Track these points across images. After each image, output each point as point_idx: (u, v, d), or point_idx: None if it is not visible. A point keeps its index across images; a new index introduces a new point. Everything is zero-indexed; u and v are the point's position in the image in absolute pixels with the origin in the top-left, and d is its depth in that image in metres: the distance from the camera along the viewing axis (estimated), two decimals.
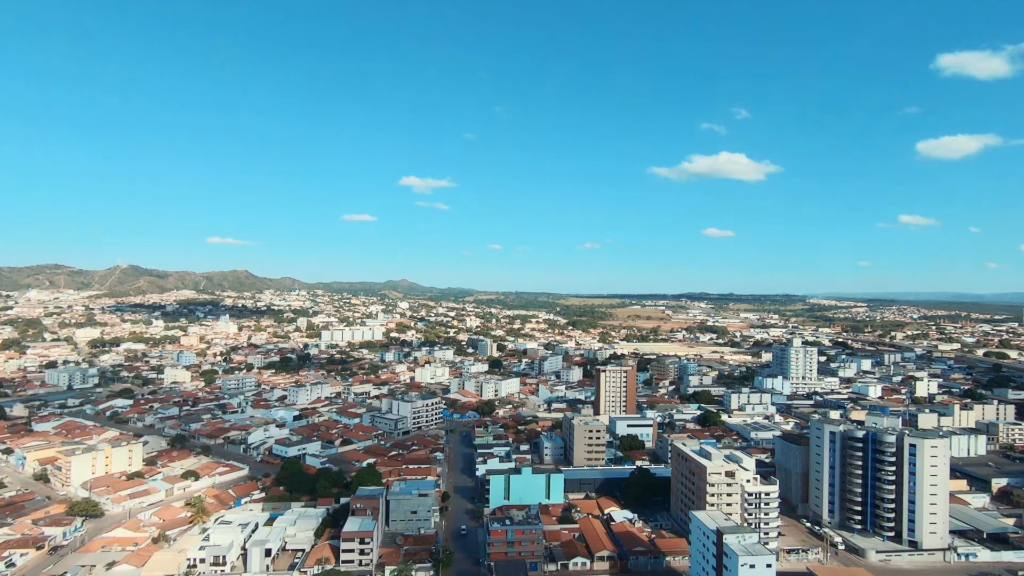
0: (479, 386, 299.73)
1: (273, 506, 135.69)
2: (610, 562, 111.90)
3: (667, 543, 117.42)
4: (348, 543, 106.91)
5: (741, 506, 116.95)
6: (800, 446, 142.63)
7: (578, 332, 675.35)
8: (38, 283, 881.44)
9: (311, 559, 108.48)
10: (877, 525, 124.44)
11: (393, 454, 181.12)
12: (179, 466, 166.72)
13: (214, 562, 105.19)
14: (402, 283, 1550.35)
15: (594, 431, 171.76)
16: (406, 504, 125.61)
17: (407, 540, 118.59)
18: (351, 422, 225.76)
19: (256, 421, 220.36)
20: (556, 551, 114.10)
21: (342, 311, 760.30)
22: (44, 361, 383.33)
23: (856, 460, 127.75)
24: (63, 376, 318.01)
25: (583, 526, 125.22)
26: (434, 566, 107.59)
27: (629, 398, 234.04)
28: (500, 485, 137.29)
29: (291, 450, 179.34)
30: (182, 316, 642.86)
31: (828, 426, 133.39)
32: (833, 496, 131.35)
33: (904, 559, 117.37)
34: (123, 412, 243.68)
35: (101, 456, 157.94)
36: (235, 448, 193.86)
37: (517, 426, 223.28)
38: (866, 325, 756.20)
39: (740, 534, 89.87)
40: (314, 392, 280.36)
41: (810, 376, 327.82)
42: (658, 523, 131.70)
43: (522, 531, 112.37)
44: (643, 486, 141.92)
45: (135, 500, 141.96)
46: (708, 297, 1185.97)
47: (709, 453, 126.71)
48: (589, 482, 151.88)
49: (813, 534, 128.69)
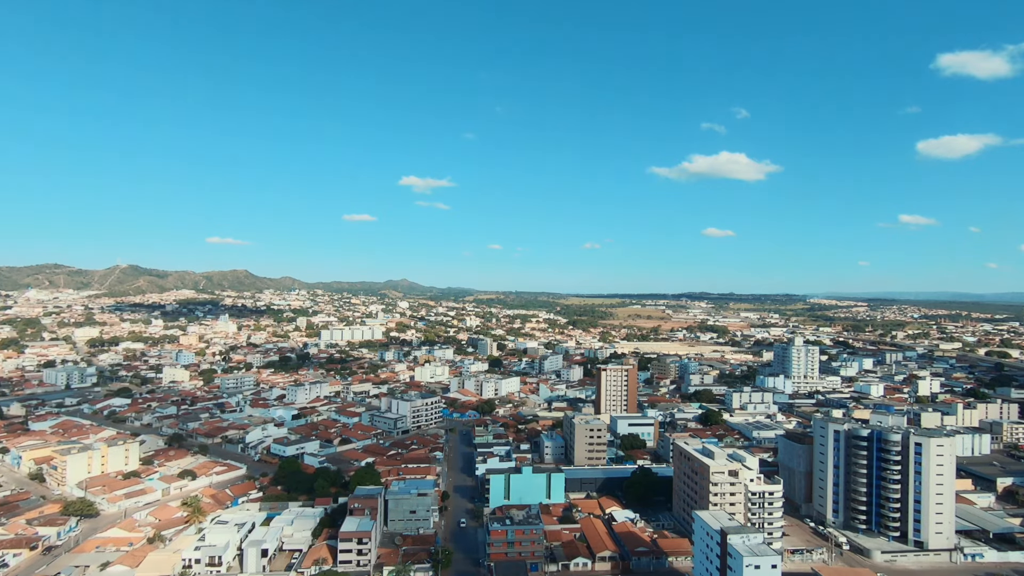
0: (479, 385, 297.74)
1: (270, 506, 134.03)
2: (612, 562, 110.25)
3: (669, 543, 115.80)
4: (346, 543, 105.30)
5: (745, 506, 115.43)
6: (804, 445, 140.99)
7: (578, 331, 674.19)
8: (37, 283, 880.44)
9: (308, 559, 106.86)
10: (882, 525, 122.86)
11: (392, 453, 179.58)
12: (176, 465, 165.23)
13: (210, 562, 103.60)
14: (402, 283, 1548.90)
15: (595, 430, 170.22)
16: (405, 504, 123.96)
17: (406, 540, 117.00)
18: (350, 421, 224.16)
19: (254, 420, 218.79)
20: (557, 551, 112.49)
21: (342, 311, 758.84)
22: (42, 360, 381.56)
23: (861, 459, 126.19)
24: (61, 375, 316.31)
25: (584, 526, 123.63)
26: (433, 567, 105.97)
27: (630, 397, 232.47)
28: (500, 484, 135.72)
29: (289, 449, 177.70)
30: (181, 316, 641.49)
31: (832, 425, 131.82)
32: (837, 496, 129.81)
33: (910, 559, 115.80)
34: (120, 411, 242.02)
35: (97, 455, 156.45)
36: (233, 447, 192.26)
37: (517, 425, 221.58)
38: (867, 325, 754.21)
39: (745, 534, 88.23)
40: (313, 391, 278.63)
41: (812, 375, 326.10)
42: (660, 523, 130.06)
43: (522, 531, 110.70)
44: (645, 486, 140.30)
45: (131, 500, 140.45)
46: (708, 297, 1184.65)
47: (712, 452, 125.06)
48: (590, 481, 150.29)
49: (817, 534, 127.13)
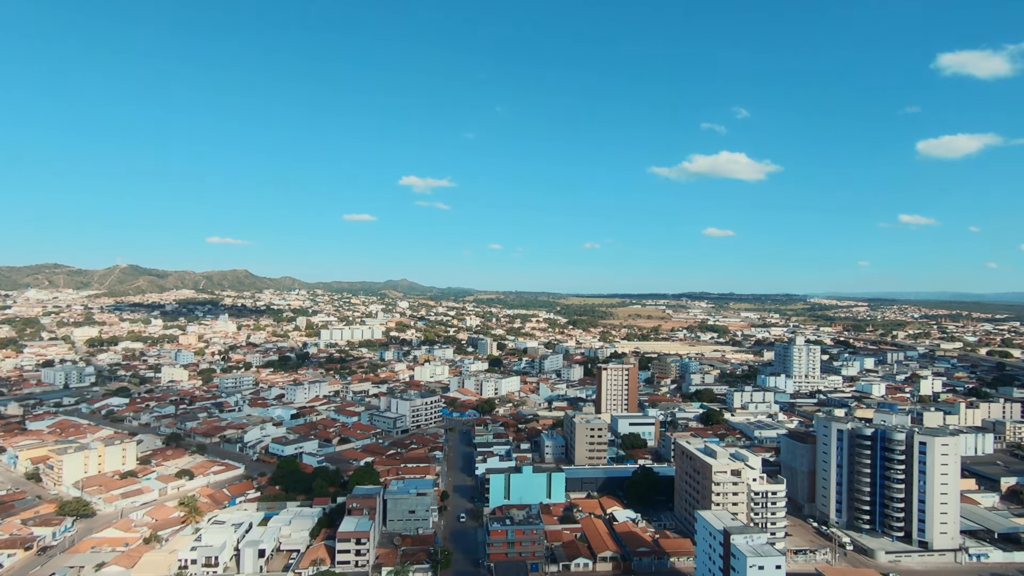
0: (479, 384, 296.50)
1: (268, 506, 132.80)
2: (613, 563, 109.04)
3: (671, 543, 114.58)
4: (344, 543, 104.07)
5: (747, 505, 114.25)
6: (807, 444, 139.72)
7: (578, 331, 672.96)
8: (37, 282, 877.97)
9: (306, 560, 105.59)
10: (886, 525, 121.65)
11: (391, 453, 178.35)
12: (173, 465, 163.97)
13: (206, 563, 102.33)
14: (402, 283, 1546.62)
15: (596, 429, 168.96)
16: (404, 503, 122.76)
17: (405, 540, 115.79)
18: (349, 421, 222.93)
19: (253, 420, 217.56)
20: (558, 551, 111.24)
21: (342, 310, 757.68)
22: (41, 360, 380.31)
23: (864, 459, 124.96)
24: (59, 375, 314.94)
25: (585, 526, 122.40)
26: (432, 567, 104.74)
27: (631, 396, 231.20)
28: (500, 484, 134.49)
29: (287, 449, 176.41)
30: (181, 315, 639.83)
31: (836, 424, 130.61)
32: (841, 495, 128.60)
33: (914, 560, 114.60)
34: (119, 411, 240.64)
35: (94, 455, 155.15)
36: (231, 447, 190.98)
37: (517, 424, 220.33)
38: (867, 324, 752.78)
39: (748, 534, 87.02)
40: (312, 391, 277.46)
41: (813, 374, 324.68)
42: (662, 523, 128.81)
43: (523, 531, 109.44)
44: (646, 485, 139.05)
45: (128, 500, 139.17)
46: (708, 297, 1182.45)
47: (714, 451, 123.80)
48: (591, 481, 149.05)
49: (820, 534, 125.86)
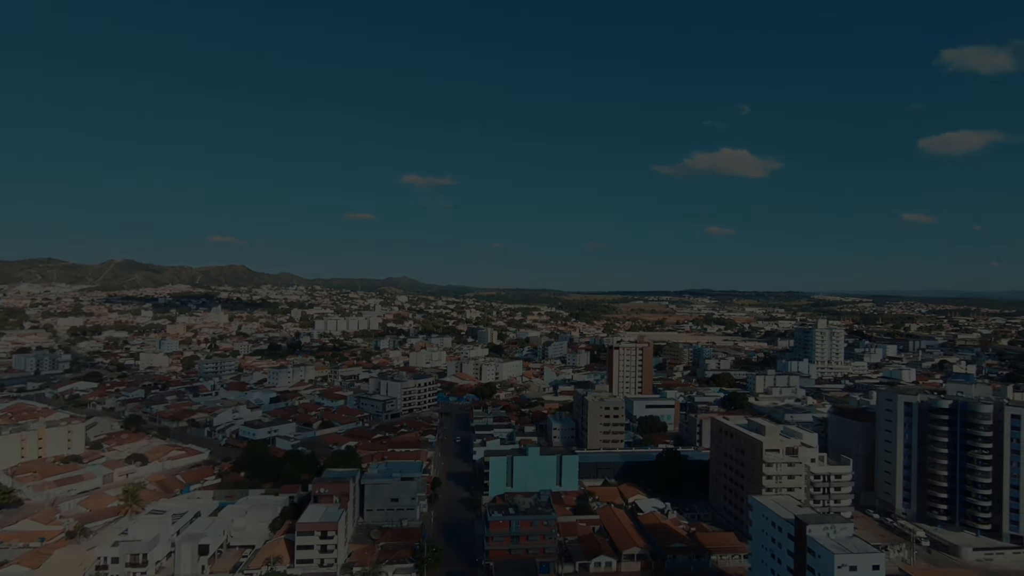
0: (478, 368, 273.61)
1: (227, 494, 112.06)
2: (641, 561, 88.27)
3: (711, 538, 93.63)
4: (305, 537, 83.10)
5: (806, 491, 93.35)
6: (862, 423, 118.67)
7: (581, 323, 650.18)
8: (30, 277, 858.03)
9: (259, 558, 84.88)
10: (968, 517, 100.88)
11: (378, 437, 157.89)
12: (127, 449, 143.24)
13: (132, 562, 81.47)
14: (402, 280, 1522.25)
15: (611, 408, 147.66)
16: (385, 489, 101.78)
17: (385, 534, 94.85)
18: (334, 404, 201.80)
19: (227, 403, 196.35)
20: (572, 548, 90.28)
21: (339, 304, 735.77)
22: (17, 348, 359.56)
23: (940, 437, 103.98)
24: (31, 361, 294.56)
25: (604, 517, 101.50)
26: (417, 567, 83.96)
27: (645, 378, 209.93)
28: (502, 469, 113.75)
29: (259, 432, 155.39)
30: (174, 308, 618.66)
31: (903, 396, 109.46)
32: (909, 482, 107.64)
33: (1008, 558, 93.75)
34: (84, 395, 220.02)
35: (32, 437, 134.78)
36: (199, 431, 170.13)
37: (520, 408, 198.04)
38: (875, 318, 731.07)
39: (829, 524, 66.05)
40: (296, 375, 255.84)
41: (836, 360, 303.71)
42: (695, 514, 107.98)
43: (530, 522, 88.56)
44: (674, 470, 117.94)
45: (63, 487, 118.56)
46: (711, 293, 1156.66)
47: (763, 427, 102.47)
48: (607, 466, 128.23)
49: (885, 527, 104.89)
